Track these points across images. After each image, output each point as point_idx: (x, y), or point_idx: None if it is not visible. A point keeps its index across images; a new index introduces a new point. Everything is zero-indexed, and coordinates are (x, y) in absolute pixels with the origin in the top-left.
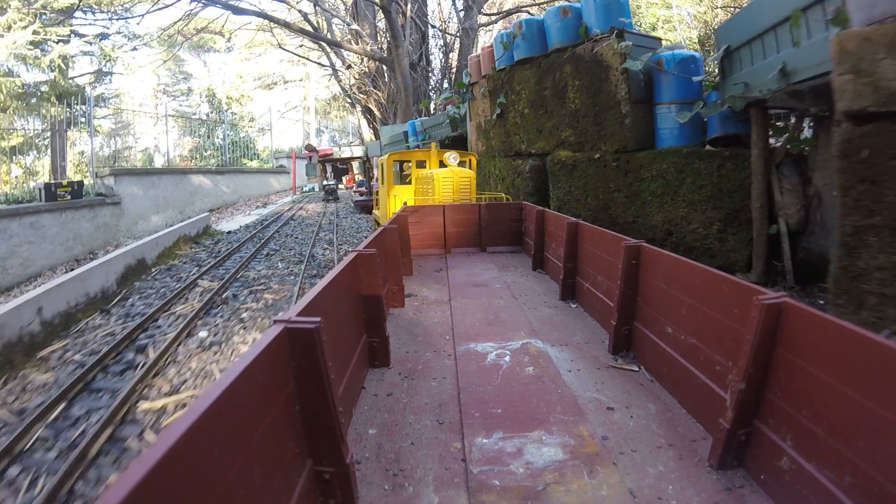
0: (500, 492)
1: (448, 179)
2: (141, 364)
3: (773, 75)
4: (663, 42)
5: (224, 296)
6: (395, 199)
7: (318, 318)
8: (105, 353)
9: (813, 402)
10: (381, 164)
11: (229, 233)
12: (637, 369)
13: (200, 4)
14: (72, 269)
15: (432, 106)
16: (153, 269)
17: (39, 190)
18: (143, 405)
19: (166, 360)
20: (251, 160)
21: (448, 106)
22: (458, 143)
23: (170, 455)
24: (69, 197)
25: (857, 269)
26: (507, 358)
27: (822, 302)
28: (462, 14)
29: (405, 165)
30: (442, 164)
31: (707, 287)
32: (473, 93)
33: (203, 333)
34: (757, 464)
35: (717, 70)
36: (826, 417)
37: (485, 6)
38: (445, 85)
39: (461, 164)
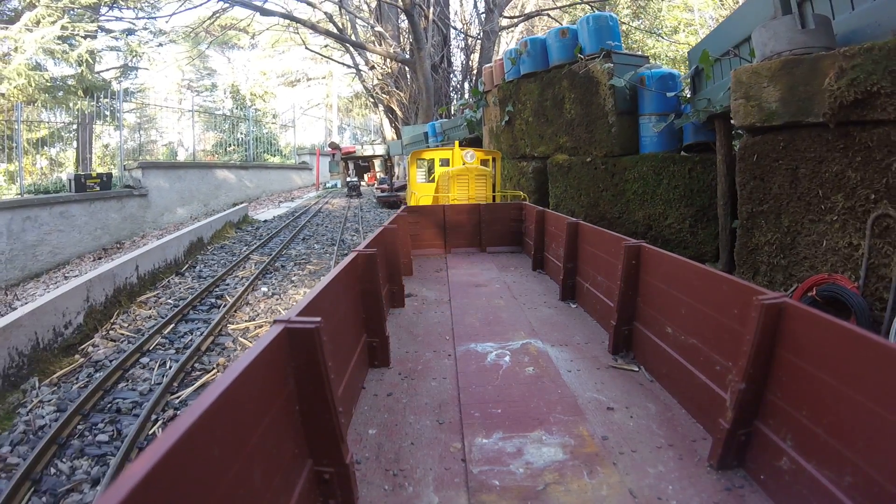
0: (500, 492)
1: (463, 177)
2: (222, 305)
3: (724, 93)
4: (679, 45)
5: (275, 265)
6: (416, 198)
7: (318, 318)
8: (193, 298)
9: (813, 402)
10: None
11: (265, 221)
12: (637, 369)
13: (227, 4)
14: (99, 258)
15: (453, 108)
16: (209, 247)
17: (70, 181)
18: (231, 326)
19: (240, 303)
20: (273, 156)
21: (466, 110)
22: (474, 144)
23: (170, 455)
24: (98, 188)
25: (752, 245)
26: (507, 358)
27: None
28: (483, 17)
29: (432, 163)
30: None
31: (707, 287)
32: (487, 100)
33: (264, 289)
34: (757, 464)
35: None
36: (826, 417)
37: (506, 9)
38: (466, 86)
39: (483, 162)
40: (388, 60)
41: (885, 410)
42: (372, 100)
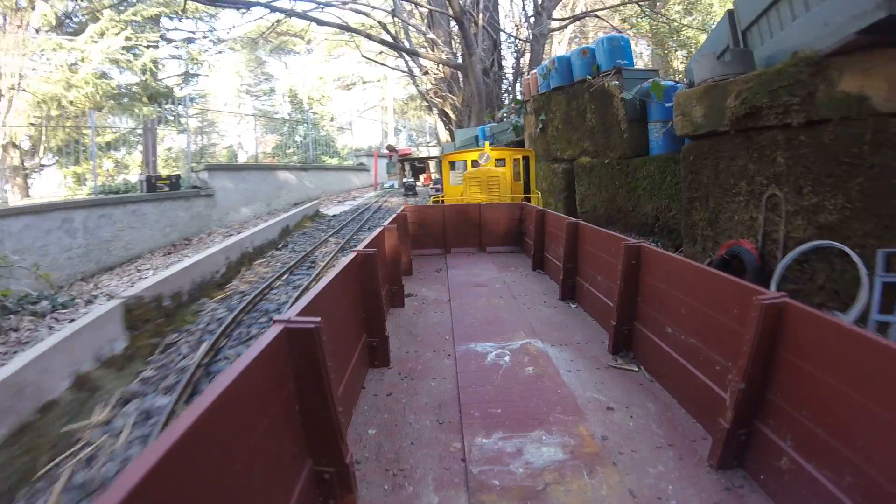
0: (500, 492)
1: (475, 179)
2: (316, 266)
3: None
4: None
5: (350, 244)
6: (451, 199)
7: (317, 318)
8: (293, 263)
9: (813, 402)
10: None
11: (333, 215)
12: (637, 369)
13: (285, 15)
14: (169, 254)
15: (499, 113)
16: (294, 233)
17: (141, 182)
18: None
19: (330, 265)
20: (331, 158)
21: (512, 115)
22: (520, 147)
23: (170, 455)
24: (168, 189)
25: (691, 222)
26: (507, 358)
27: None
28: (532, 20)
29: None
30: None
31: (706, 287)
32: (526, 108)
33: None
34: (757, 464)
35: None
36: (826, 417)
37: (555, 11)
38: (517, 88)
39: (500, 162)
40: (440, 66)
41: (885, 410)
42: (426, 103)
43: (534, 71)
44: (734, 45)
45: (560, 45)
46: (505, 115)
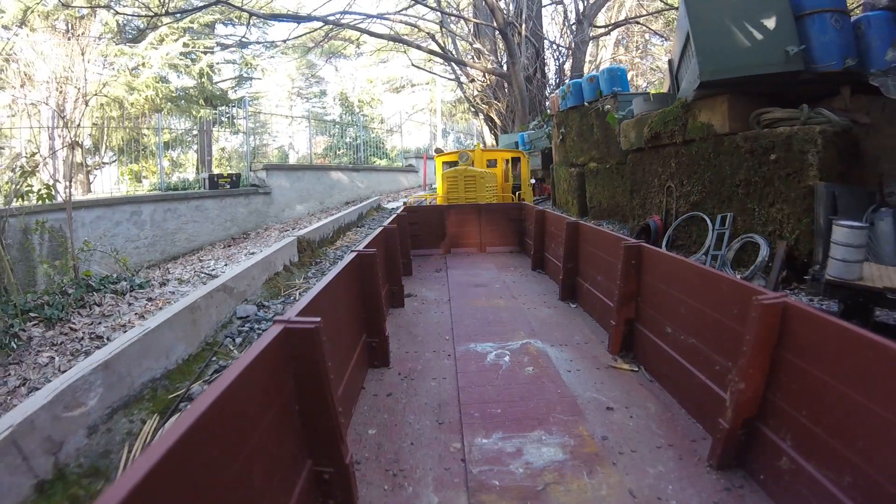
0: (500, 492)
1: (452, 178)
2: None
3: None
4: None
5: None
6: (441, 199)
7: (317, 318)
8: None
9: (812, 402)
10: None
11: (392, 208)
12: (637, 369)
13: (339, 29)
14: (228, 246)
15: (533, 124)
16: (366, 219)
17: (204, 179)
18: None
19: None
20: (381, 159)
21: (544, 124)
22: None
23: (169, 455)
24: (228, 186)
25: (633, 206)
26: (507, 358)
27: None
28: (574, 27)
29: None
30: (491, 164)
31: (706, 287)
32: (552, 121)
33: None
34: (757, 464)
35: None
36: (826, 417)
37: (598, 17)
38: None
39: (490, 162)
40: (485, 74)
41: (885, 410)
42: (473, 109)
43: (556, 91)
44: (672, 84)
45: (607, 49)
46: (536, 125)
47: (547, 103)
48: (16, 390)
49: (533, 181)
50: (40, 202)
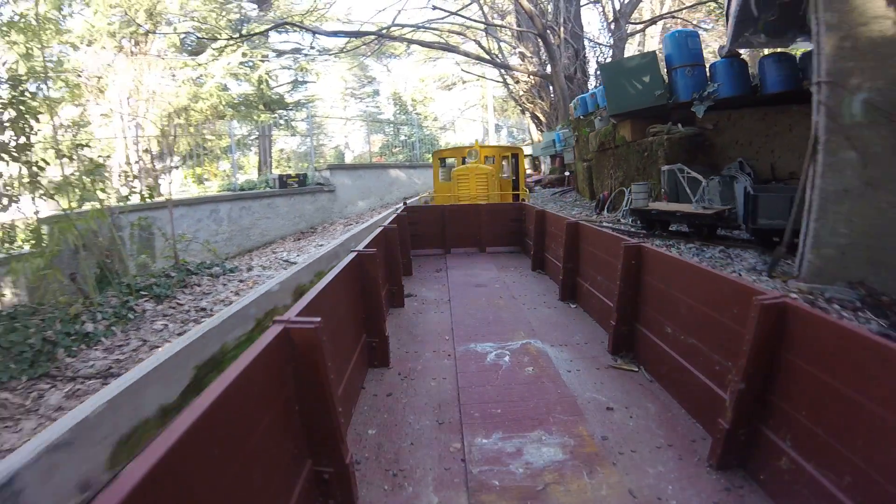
0: (500, 492)
1: (464, 176)
2: None
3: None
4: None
5: None
6: (438, 197)
7: (317, 318)
8: None
9: (812, 402)
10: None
11: None
12: (636, 369)
13: (387, 40)
14: (298, 240)
15: (559, 127)
16: None
17: (274, 180)
18: None
19: None
20: None
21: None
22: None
23: (169, 455)
24: (296, 185)
25: (594, 188)
26: (507, 358)
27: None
28: (612, 25)
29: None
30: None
31: (706, 287)
32: (573, 125)
33: None
34: (757, 464)
35: None
36: (826, 417)
37: (633, 15)
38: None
39: (487, 158)
40: (529, 75)
41: (885, 410)
42: (519, 107)
43: (573, 102)
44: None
45: (654, 40)
46: (561, 127)
47: (572, 107)
48: (138, 349)
49: (567, 174)
50: (142, 201)
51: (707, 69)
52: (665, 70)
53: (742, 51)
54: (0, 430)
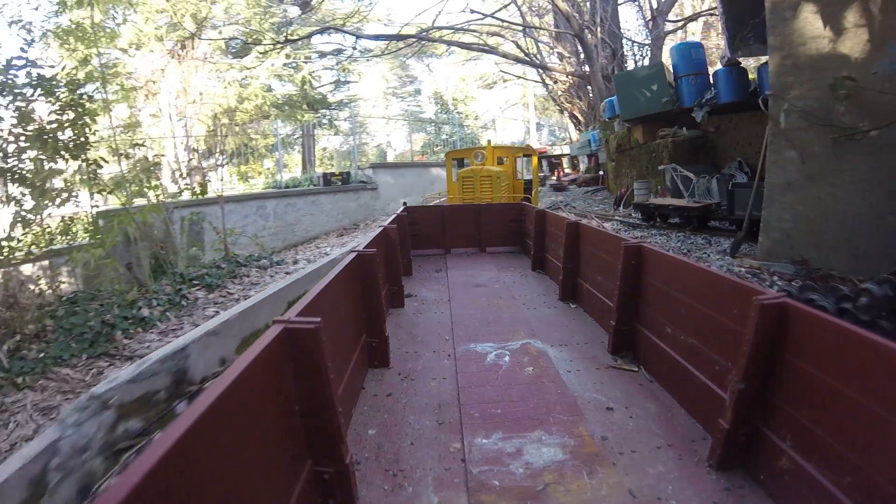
0: (500, 492)
1: (468, 178)
2: None
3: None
4: None
5: None
6: (450, 198)
7: (317, 318)
8: None
9: (812, 402)
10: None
11: None
12: (636, 369)
13: (427, 42)
14: (340, 235)
15: (590, 129)
16: None
17: (318, 178)
18: None
19: None
20: None
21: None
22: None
23: (169, 455)
24: (339, 183)
25: (615, 185)
26: (507, 358)
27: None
28: (650, 23)
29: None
30: (500, 161)
31: (706, 287)
32: (603, 126)
33: None
34: (756, 464)
35: None
36: (826, 417)
37: (670, 14)
38: None
39: (500, 159)
40: (567, 75)
41: (885, 410)
42: (558, 107)
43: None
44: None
45: (695, 36)
46: (593, 128)
47: (602, 109)
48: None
49: (601, 173)
50: (194, 197)
51: (710, 77)
52: (673, 78)
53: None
54: (62, 402)
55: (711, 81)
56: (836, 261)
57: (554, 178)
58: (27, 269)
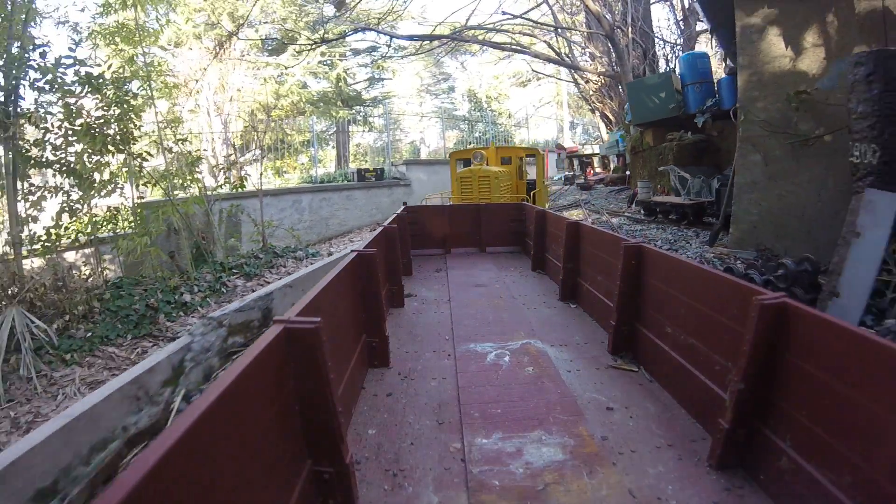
0: (500, 492)
1: (466, 179)
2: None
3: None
4: None
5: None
6: (454, 198)
7: (317, 318)
8: None
9: (812, 401)
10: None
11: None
12: (636, 369)
13: (459, 42)
14: (373, 230)
15: (616, 129)
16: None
17: (353, 174)
18: None
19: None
20: None
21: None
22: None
23: (169, 455)
24: (373, 179)
25: (631, 182)
26: (507, 358)
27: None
28: (682, 23)
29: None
30: (505, 161)
31: (706, 287)
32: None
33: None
34: (756, 464)
35: None
36: (825, 417)
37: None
38: None
39: (504, 159)
40: (598, 75)
41: (885, 410)
42: (590, 106)
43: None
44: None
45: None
46: (618, 129)
47: (625, 111)
48: None
49: (627, 172)
50: (234, 190)
51: (715, 84)
52: (680, 86)
53: None
54: (108, 377)
55: (716, 89)
56: (796, 250)
57: (582, 177)
58: (72, 256)
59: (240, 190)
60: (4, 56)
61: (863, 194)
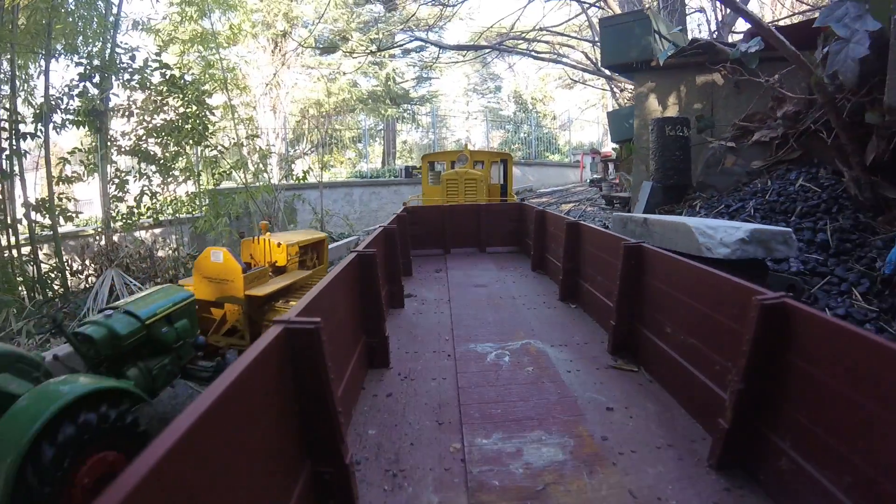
0: (500, 492)
1: (452, 181)
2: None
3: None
4: None
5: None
6: (426, 201)
7: (317, 319)
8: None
9: (812, 401)
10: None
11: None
12: (636, 369)
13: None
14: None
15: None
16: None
17: (400, 170)
18: None
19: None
20: (552, 154)
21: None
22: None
23: (169, 455)
24: (419, 175)
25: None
26: (507, 358)
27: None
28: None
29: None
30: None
31: (706, 287)
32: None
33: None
34: (757, 464)
35: None
36: (826, 417)
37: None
38: None
39: (477, 163)
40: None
41: (885, 410)
42: None
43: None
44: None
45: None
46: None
47: None
48: None
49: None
50: (297, 182)
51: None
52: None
53: None
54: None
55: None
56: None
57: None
58: (145, 233)
59: (302, 181)
60: (97, 59)
61: (649, 182)
